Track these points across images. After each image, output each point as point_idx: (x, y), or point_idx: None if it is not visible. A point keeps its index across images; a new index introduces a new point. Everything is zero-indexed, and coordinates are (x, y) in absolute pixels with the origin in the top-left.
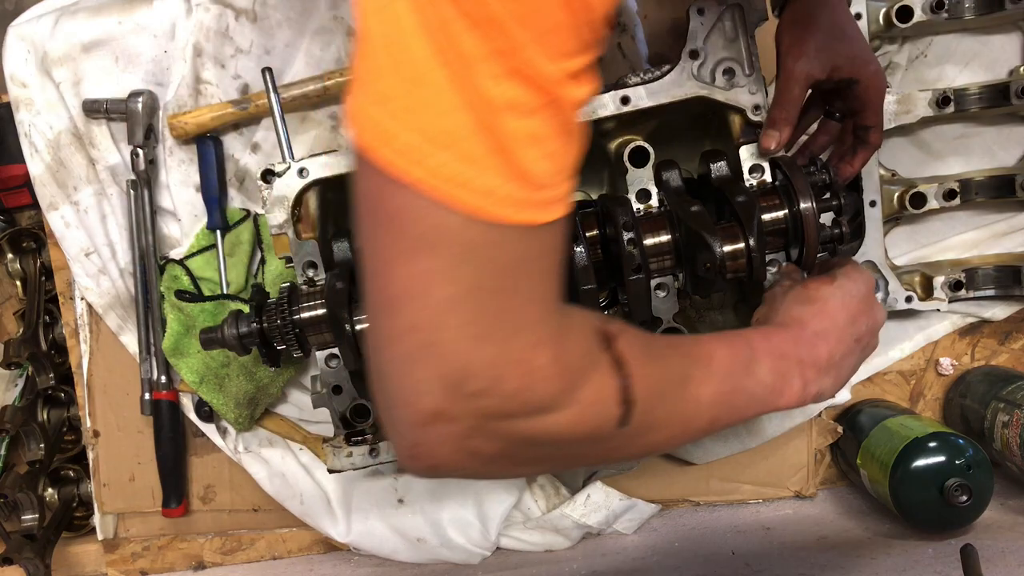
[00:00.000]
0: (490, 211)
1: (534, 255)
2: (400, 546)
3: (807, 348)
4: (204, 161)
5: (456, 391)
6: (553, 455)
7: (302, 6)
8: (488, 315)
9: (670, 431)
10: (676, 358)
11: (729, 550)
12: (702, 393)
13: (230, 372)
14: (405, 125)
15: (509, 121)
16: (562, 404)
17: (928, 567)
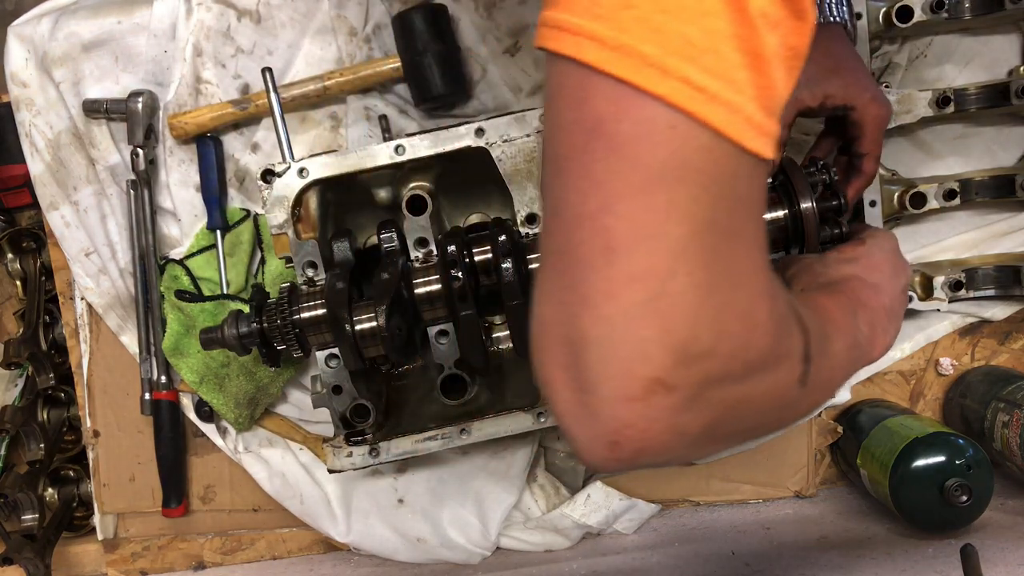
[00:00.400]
0: (741, 134)
1: (757, 193)
2: (400, 546)
3: (876, 298)
4: (204, 161)
5: (681, 353)
6: (745, 426)
7: (306, 7)
8: (718, 260)
9: (824, 390)
10: (813, 315)
11: (729, 550)
12: (838, 349)
13: (230, 372)
14: (645, 34)
15: (764, 33)
16: (770, 363)
17: (928, 567)
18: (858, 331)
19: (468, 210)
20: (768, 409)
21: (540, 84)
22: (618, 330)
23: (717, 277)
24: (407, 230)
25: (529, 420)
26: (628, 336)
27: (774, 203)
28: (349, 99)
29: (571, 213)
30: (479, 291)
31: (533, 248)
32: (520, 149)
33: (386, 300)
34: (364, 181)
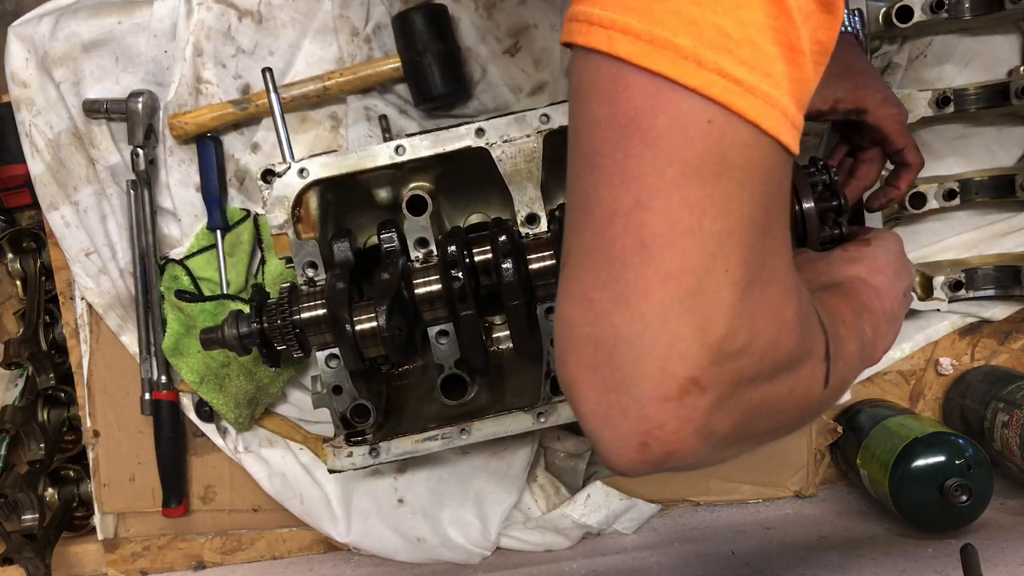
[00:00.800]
0: (779, 128)
1: (788, 187)
2: (400, 546)
3: (879, 301)
4: (204, 161)
5: (717, 352)
6: (769, 427)
7: (307, 7)
8: (754, 256)
9: (839, 392)
10: (828, 316)
11: (729, 550)
12: (850, 349)
13: (230, 372)
14: (680, 26)
15: (798, 26)
16: (796, 362)
17: (928, 567)
18: (864, 333)
19: (468, 210)
20: (791, 409)
21: (540, 84)
22: (653, 328)
23: (753, 274)
24: (407, 230)
25: (529, 420)
26: (664, 334)
27: None
28: (349, 99)
29: (604, 210)
30: (479, 291)
31: (533, 248)
32: (520, 149)
33: (386, 300)
34: (364, 181)
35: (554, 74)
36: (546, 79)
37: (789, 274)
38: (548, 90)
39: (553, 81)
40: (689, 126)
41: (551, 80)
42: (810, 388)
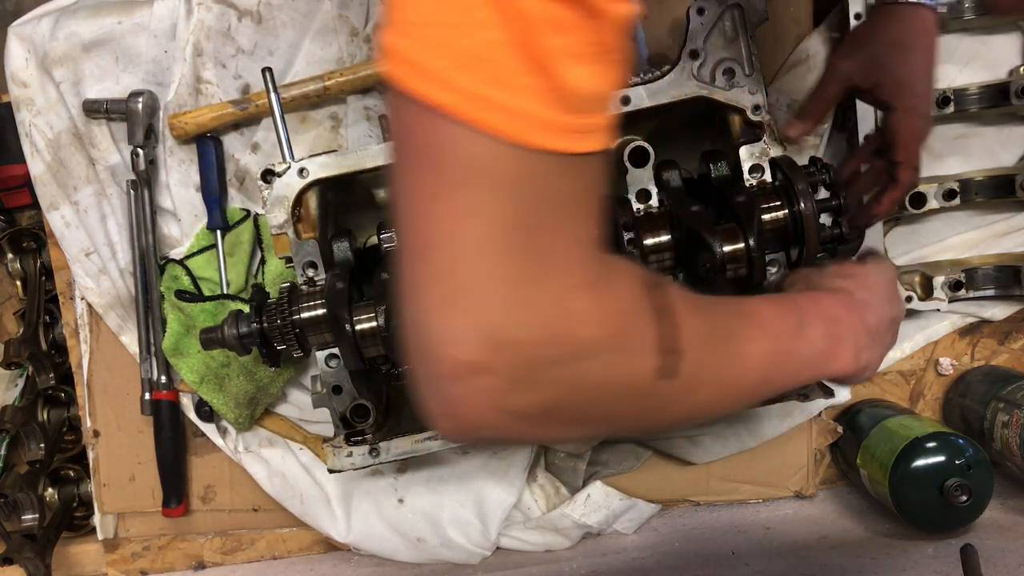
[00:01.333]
0: (527, 136)
1: (572, 190)
2: (400, 546)
3: (858, 314)
4: (204, 161)
5: (493, 339)
6: (597, 413)
7: (307, 7)
8: (524, 255)
9: (720, 389)
10: (723, 314)
11: (729, 550)
12: (751, 351)
13: (230, 372)
14: (432, 49)
15: (547, 37)
16: (603, 350)
17: (928, 567)
18: (802, 341)
19: None
20: (621, 396)
21: None
22: (431, 319)
23: (525, 270)
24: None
25: None
26: (443, 324)
27: (774, 203)
28: (349, 99)
29: (401, 210)
30: None
31: None
32: None
33: (386, 300)
34: (364, 181)
35: None
36: None
37: (580, 268)
38: None
39: None
40: (441, 141)
41: None
42: (638, 376)
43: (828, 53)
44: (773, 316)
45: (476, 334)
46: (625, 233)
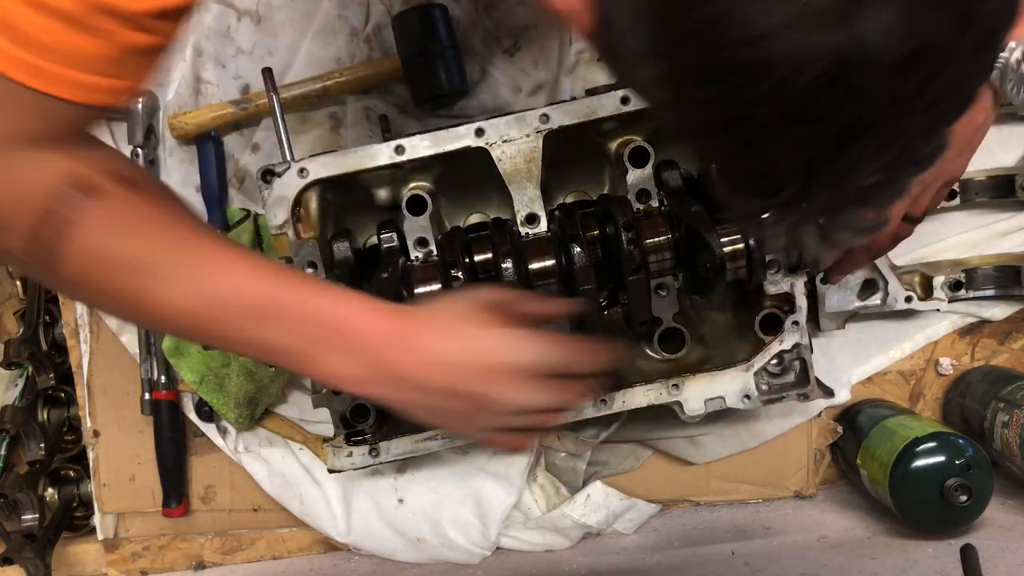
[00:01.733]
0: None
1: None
2: (400, 546)
3: (393, 353)
4: (204, 161)
5: None
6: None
7: (306, 7)
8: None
9: (113, 303)
10: (159, 251)
11: (729, 550)
12: (170, 297)
13: (230, 372)
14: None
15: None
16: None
17: (928, 567)
18: (264, 329)
19: (468, 210)
20: (30, 266)
21: (540, 84)
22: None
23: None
24: (407, 230)
25: None
26: None
27: None
28: (349, 99)
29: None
30: None
31: (532, 248)
32: (520, 149)
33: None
34: (364, 181)
35: (553, 74)
36: (545, 79)
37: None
38: (547, 90)
39: (552, 81)
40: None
41: (550, 80)
42: (6, 250)
43: None
44: (233, 289)
45: None
46: (625, 233)
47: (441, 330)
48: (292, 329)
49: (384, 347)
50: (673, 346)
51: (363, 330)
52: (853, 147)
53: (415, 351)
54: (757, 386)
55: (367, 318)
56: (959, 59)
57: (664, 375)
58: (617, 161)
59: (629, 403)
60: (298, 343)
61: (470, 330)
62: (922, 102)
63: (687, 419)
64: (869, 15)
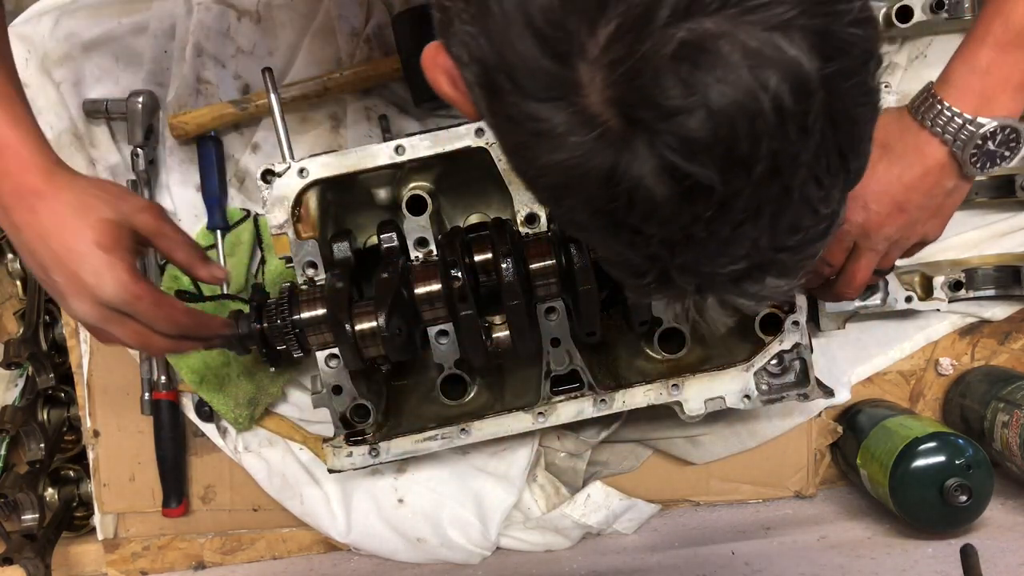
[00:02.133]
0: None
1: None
2: (400, 546)
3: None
4: (204, 161)
5: None
6: None
7: (307, 7)
8: None
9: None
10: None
11: (729, 550)
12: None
13: (230, 372)
14: None
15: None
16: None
17: (928, 567)
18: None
19: (468, 210)
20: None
21: None
22: None
23: None
24: (407, 230)
25: (529, 420)
26: None
27: None
28: (349, 99)
29: None
30: (478, 291)
31: (532, 248)
32: None
33: (386, 300)
34: (364, 181)
35: None
36: None
37: None
38: None
39: None
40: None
41: None
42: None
43: None
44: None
45: None
46: None
47: (65, 214)
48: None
49: (13, 190)
50: (673, 346)
51: (12, 165)
52: (685, 250)
53: (33, 213)
54: (757, 386)
55: (22, 156)
56: (747, 191)
57: (664, 375)
58: None
59: (629, 403)
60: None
61: (84, 234)
62: (727, 220)
63: (687, 419)
64: (640, 151)
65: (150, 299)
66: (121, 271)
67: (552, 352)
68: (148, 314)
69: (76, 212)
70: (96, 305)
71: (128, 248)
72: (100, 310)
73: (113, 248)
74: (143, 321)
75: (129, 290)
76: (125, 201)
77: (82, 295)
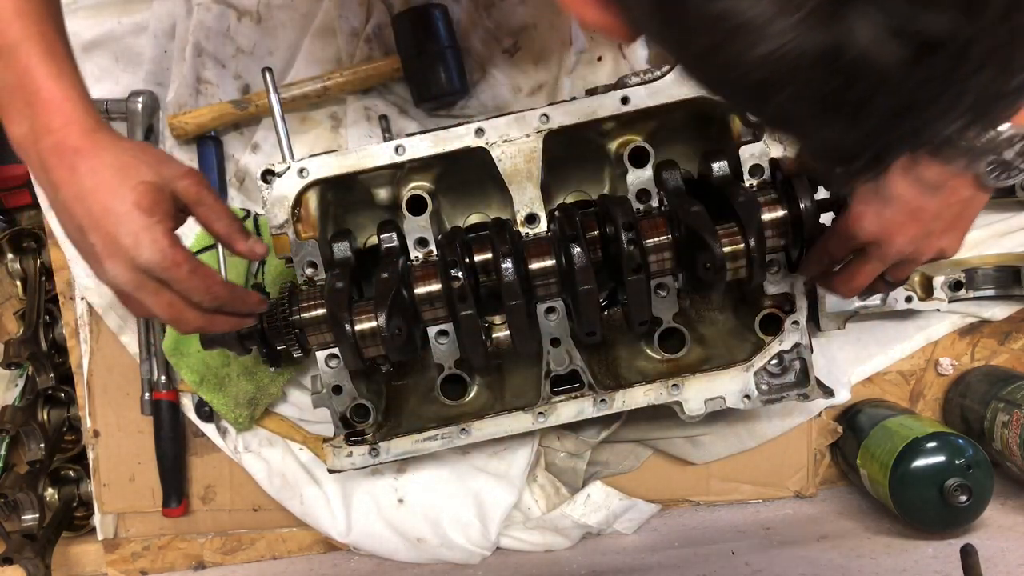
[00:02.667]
0: None
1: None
2: (400, 546)
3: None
4: (204, 161)
5: None
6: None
7: (307, 7)
8: None
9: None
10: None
11: (729, 550)
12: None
13: (230, 372)
14: None
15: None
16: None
17: (928, 567)
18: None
19: (468, 210)
20: None
21: (540, 84)
22: None
23: None
24: (407, 230)
25: (529, 420)
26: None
27: (774, 204)
28: (349, 99)
29: None
30: (478, 291)
31: (532, 248)
32: (520, 149)
33: (386, 300)
34: (364, 181)
35: (553, 74)
36: (545, 79)
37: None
38: (547, 90)
39: (552, 81)
40: None
41: (550, 80)
42: None
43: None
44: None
45: None
46: (625, 233)
47: (105, 174)
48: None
49: (54, 147)
50: (673, 346)
51: (55, 121)
52: (911, 116)
53: (73, 172)
54: (757, 386)
55: (65, 112)
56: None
57: (664, 375)
58: (617, 161)
59: (629, 403)
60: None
61: (124, 195)
62: (961, 72)
63: (687, 419)
64: (859, 21)
65: (188, 266)
66: (160, 235)
67: (552, 352)
68: (184, 282)
69: (117, 173)
70: (131, 270)
71: (168, 213)
72: (135, 275)
73: (153, 211)
74: (178, 290)
75: (167, 255)
76: (167, 166)
77: (117, 258)
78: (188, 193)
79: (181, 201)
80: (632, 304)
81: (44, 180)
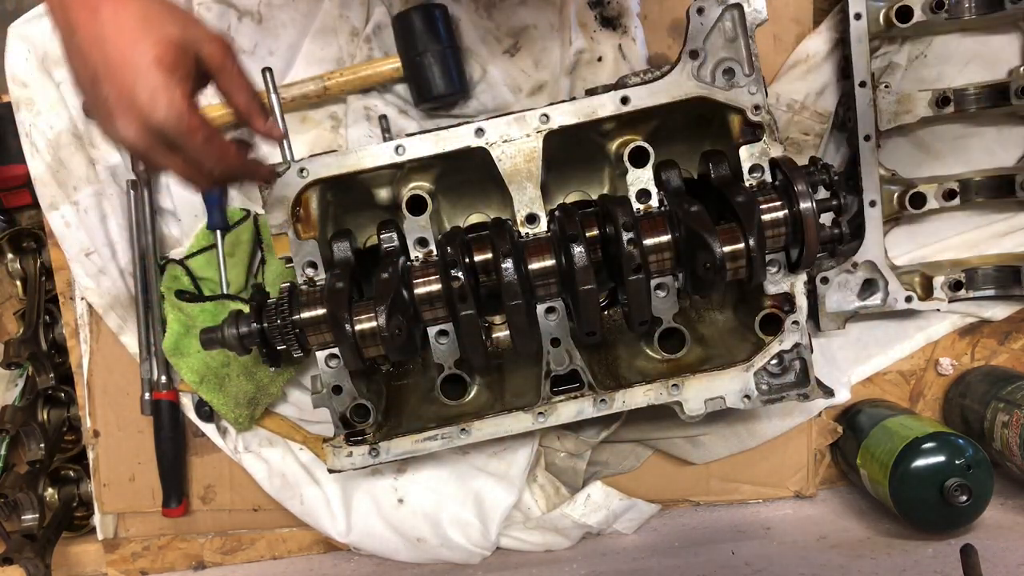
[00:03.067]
0: None
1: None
2: (400, 546)
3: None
4: None
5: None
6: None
7: (307, 7)
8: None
9: None
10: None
11: (729, 550)
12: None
13: (230, 372)
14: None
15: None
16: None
17: (928, 567)
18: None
19: (468, 210)
20: None
21: (540, 84)
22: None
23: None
24: (407, 230)
25: (529, 420)
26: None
27: (774, 204)
28: (349, 99)
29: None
30: (479, 291)
31: (532, 248)
32: (520, 149)
33: (386, 300)
34: (364, 181)
35: (554, 74)
36: (546, 79)
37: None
38: (548, 90)
39: (553, 81)
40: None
41: (551, 80)
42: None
43: (828, 53)
44: None
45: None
46: (625, 233)
47: (128, 22)
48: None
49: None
50: (673, 346)
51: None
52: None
53: (93, 14)
54: (757, 386)
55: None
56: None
57: (664, 375)
58: (617, 161)
59: (629, 403)
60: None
61: (145, 48)
62: None
63: (687, 419)
64: None
65: (203, 133)
66: (178, 96)
67: (552, 352)
68: (199, 150)
69: (140, 23)
70: (144, 129)
71: (189, 74)
72: (147, 137)
73: (174, 70)
74: (192, 156)
75: (183, 119)
76: (195, 26)
77: (130, 115)
78: (213, 58)
79: (205, 65)
80: (632, 304)
81: (62, 20)
